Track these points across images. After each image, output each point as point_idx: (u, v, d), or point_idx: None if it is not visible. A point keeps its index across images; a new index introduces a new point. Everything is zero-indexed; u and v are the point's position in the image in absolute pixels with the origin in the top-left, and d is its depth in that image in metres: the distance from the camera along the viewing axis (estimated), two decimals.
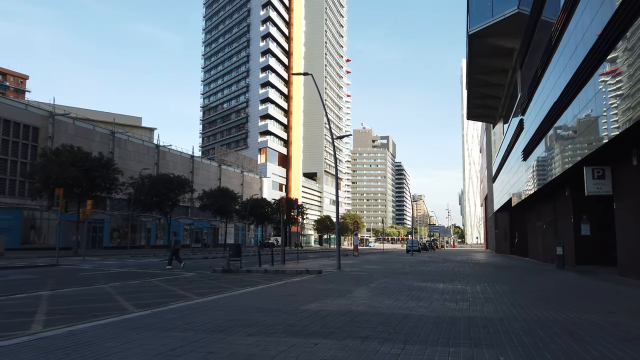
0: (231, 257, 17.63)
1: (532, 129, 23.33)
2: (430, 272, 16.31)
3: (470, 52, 33.25)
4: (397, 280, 12.73)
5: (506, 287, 11.30)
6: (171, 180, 43.22)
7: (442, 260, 27.48)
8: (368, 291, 10.00)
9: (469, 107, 46.43)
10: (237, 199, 55.27)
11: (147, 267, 20.85)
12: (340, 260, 17.45)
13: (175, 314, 6.78)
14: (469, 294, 9.57)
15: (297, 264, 22.70)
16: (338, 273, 15.64)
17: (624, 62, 11.01)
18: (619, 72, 11.34)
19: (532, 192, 24.97)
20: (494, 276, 14.95)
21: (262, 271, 17.02)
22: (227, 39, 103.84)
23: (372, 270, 16.95)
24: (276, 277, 14.97)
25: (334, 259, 30.06)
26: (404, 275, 14.90)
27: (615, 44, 11.35)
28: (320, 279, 13.28)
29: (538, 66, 20.59)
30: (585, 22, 13.71)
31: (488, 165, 57.69)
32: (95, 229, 46.89)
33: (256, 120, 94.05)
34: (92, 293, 10.59)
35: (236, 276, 15.52)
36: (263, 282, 13.05)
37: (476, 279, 13.55)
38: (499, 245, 51.00)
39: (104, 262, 24.65)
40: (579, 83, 14.24)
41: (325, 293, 9.64)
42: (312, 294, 9.40)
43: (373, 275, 14.46)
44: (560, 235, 20.72)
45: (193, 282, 13.60)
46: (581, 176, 17.42)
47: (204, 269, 18.55)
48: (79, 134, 44.14)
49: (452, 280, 12.95)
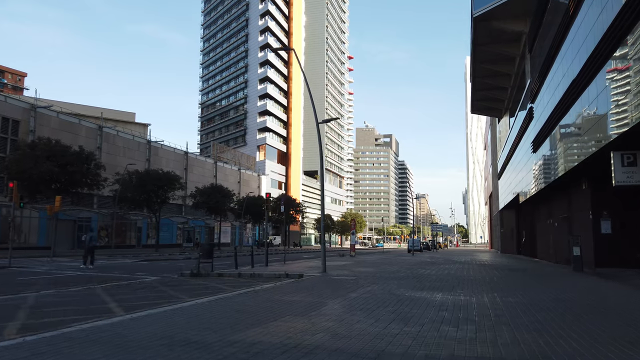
0: (202, 259, 15.42)
1: (544, 116, 21.01)
2: (428, 277, 14.05)
3: (474, 38, 30.94)
4: (387, 288, 10.48)
5: (521, 297, 9.02)
6: (160, 177, 41.04)
7: (444, 262, 25.19)
8: (343, 305, 7.77)
9: (473, 100, 44.08)
10: (231, 196, 53.02)
11: (111, 269, 18.67)
12: (325, 263, 15.20)
13: (25, 351, 4.57)
14: (474, 311, 7.31)
15: (283, 265, 20.52)
16: (321, 278, 13.41)
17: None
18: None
19: (543, 187, 22.63)
20: (504, 282, 12.67)
21: (236, 275, 14.82)
22: (226, 33, 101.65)
23: (361, 274, 14.70)
24: (246, 283, 12.76)
25: (329, 260, 27.82)
26: (397, 280, 12.65)
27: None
28: (295, 286, 11.05)
29: (552, 43, 18.24)
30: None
31: (493, 162, 55.27)
32: (82, 228, 44.79)
33: (255, 116, 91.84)
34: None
35: (202, 281, 13.33)
36: (226, 290, 10.86)
37: (483, 286, 11.28)
38: (504, 245, 48.59)
39: (71, 263, 22.50)
40: (607, 51, 11.93)
41: (287, 308, 7.41)
42: (268, 310, 7.18)
43: (359, 281, 12.21)
44: (575, 233, 18.38)
45: (142, 289, 11.41)
46: (601, 166, 15.14)
47: (174, 272, 16.38)
48: (63, 128, 42.06)
49: (453, 288, 10.68)
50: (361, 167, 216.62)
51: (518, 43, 31.08)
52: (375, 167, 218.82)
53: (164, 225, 55.61)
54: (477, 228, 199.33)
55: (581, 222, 18.85)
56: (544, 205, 27.58)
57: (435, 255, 38.17)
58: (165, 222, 55.26)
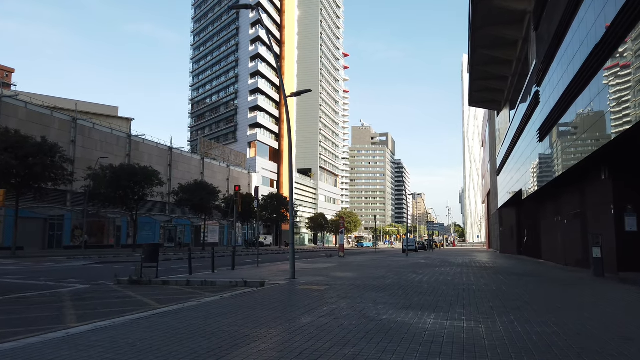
0: (145, 263, 12.64)
1: (554, 98, 18.35)
2: (419, 286, 11.31)
3: (473, 20, 28.33)
4: (359, 306, 7.73)
5: (554, 325, 6.22)
6: (135, 172, 38.12)
7: (440, 264, 22.47)
8: (278, 343, 5.02)
9: (471, 92, 41.46)
10: (217, 194, 50.12)
11: (45, 274, 15.84)
12: (294, 268, 12.42)
13: None
14: (487, 355, 4.57)
15: (254, 269, 17.81)
16: (283, 287, 10.65)
17: None
18: None
19: (550, 180, 19.96)
20: (516, 293, 9.94)
21: (184, 283, 12.05)
22: (216, 27, 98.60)
23: (337, 282, 11.94)
24: (186, 295, 9.99)
25: (311, 262, 25.07)
26: (378, 291, 9.91)
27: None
28: (239, 303, 8.30)
29: (566, 6, 15.53)
30: None
31: (491, 158, 52.64)
32: (54, 227, 41.90)
33: (245, 112, 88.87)
34: None
35: (134, 292, 10.56)
36: (148, 306, 8.14)
37: (490, 301, 8.55)
38: (504, 245, 45.96)
39: (18, 266, 19.66)
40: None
41: (187, 349, 4.67)
42: (154, 352, 4.44)
43: (328, 293, 9.44)
44: (594, 232, 15.69)
45: (39, 306, 8.62)
46: (627, 152, 12.52)
47: (114, 278, 13.59)
48: (33, 120, 39.09)
49: (451, 306, 7.93)
50: (357, 166, 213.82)
51: (521, 24, 28.53)
52: (372, 165, 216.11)
53: (145, 224, 52.69)
54: (473, 227, 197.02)
55: (599, 218, 16.18)
56: (551, 200, 24.93)
57: (430, 256, 35.45)
58: (146, 220, 52.34)
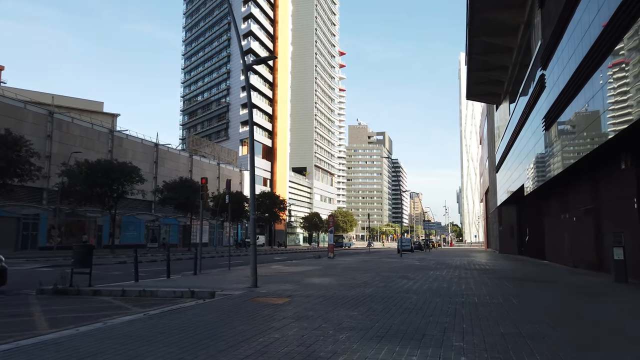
0: (75, 267, 10.41)
1: (563, 79, 16.21)
2: (407, 298, 9.10)
3: (472, 3, 26.21)
4: (312, 335, 5.51)
5: None
6: (113, 168, 35.79)
7: (436, 266, 20.27)
8: None
9: (469, 84, 39.30)
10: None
11: None
12: (256, 274, 10.18)
13: None
14: None
15: (226, 273, 15.65)
16: (233, 300, 8.42)
17: None
18: None
19: (558, 172, 17.79)
20: (531, 309, 7.73)
21: (118, 293, 9.81)
22: (208, 21, 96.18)
23: (305, 291, 9.72)
24: (107, 312, 7.75)
25: (293, 264, 22.84)
26: (349, 307, 7.70)
27: None
28: (158, 325, 6.08)
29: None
30: None
31: (490, 155, 50.54)
32: (28, 226, 39.55)
33: (237, 109, 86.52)
34: None
35: (51, 305, 8.33)
36: (37, 330, 5.91)
37: (499, 325, 6.35)
38: (503, 244, 43.84)
39: None
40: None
41: None
42: None
43: (282, 311, 7.19)
44: (608, 230, 13.53)
45: None
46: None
47: (45, 285, 11.32)
48: (4, 113, 36.73)
49: (444, 333, 5.72)
50: (354, 165, 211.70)
51: (522, 9, 26.46)
52: (368, 165, 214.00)
53: (129, 224, 50.37)
54: (471, 227, 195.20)
55: (618, 214, 14.03)
56: (556, 196, 22.79)
57: (426, 256, 33.26)
58: (130, 220, 50.02)
